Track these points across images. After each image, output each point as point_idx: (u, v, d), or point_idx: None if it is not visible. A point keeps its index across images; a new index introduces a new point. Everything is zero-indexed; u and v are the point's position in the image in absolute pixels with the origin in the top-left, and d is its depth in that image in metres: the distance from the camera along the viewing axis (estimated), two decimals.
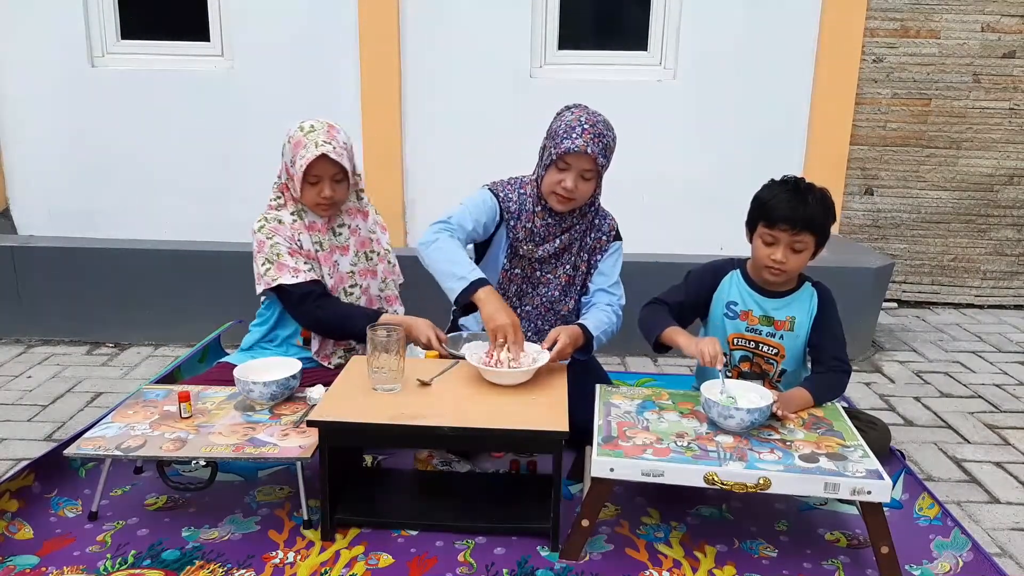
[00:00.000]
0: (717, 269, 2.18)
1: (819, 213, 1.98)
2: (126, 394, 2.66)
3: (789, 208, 1.96)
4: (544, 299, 2.29)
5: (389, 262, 2.41)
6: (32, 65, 3.77)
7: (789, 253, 2.00)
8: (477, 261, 2.28)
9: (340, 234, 2.29)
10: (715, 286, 2.16)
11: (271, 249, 2.16)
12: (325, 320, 2.19)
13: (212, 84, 3.80)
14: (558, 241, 2.22)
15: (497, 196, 2.21)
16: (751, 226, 2.08)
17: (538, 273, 2.27)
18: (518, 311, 2.28)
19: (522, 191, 2.22)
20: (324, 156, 2.11)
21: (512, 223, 2.20)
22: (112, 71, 3.81)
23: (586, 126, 2.06)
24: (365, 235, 2.34)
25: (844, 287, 2.49)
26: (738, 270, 2.16)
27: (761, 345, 2.11)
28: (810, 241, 2.00)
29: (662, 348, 2.09)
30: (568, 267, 2.26)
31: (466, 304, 2.02)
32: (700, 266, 2.22)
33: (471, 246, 2.27)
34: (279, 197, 2.25)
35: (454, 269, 2.03)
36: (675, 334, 2.03)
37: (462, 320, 2.35)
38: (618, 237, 2.33)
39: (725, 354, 2.14)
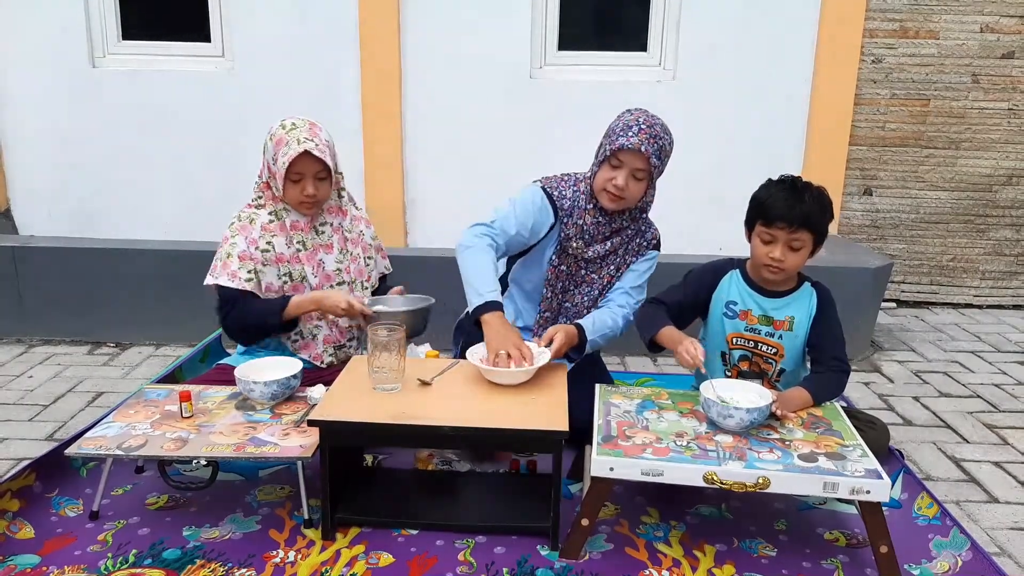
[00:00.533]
0: (716, 269, 2.19)
1: (816, 211, 1.99)
2: (127, 394, 2.66)
3: (786, 206, 1.98)
4: (586, 298, 2.29)
5: (370, 257, 2.38)
6: (32, 65, 3.78)
7: (787, 251, 2.01)
8: (524, 253, 2.27)
9: (323, 232, 2.28)
10: (714, 286, 2.17)
11: (228, 247, 2.17)
12: (245, 325, 2.18)
13: (212, 84, 3.81)
14: (608, 244, 2.22)
15: (550, 195, 2.19)
16: (749, 225, 2.09)
17: (583, 272, 2.27)
18: (559, 308, 2.29)
19: (576, 188, 2.21)
20: (307, 153, 2.10)
21: (565, 220, 2.19)
22: (112, 71, 3.82)
23: (643, 126, 2.07)
24: (347, 233, 2.32)
25: (843, 287, 2.50)
26: (737, 270, 2.17)
27: (760, 345, 2.12)
28: (808, 239, 2.01)
29: (656, 348, 2.10)
30: (612, 268, 2.27)
31: (476, 320, 2.04)
32: (699, 266, 2.23)
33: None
34: (260, 196, 2.24)
35: (477, 284, 2.05)
36: (665, 335, 2.04)
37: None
38: (657, 247, 2.33)
39: (723, 353, 2.15)
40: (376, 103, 3.77)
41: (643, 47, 3.81)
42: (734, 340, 2.14)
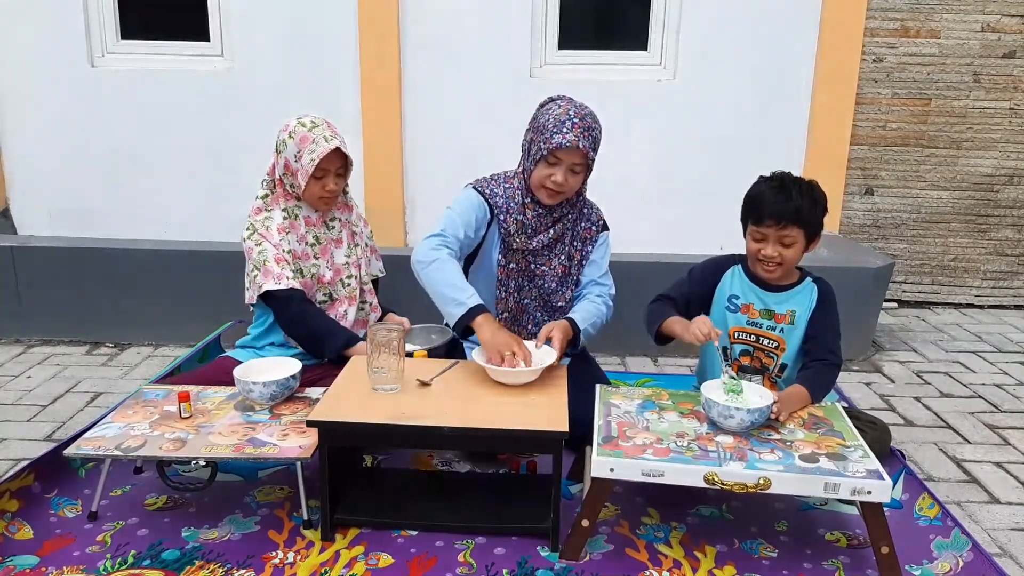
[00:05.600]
0: (719, 263, 2.21)
1: (805, 206, 1.99)
2: (126, 394, 2.66)
3: (774, 204, 1.99)
4: (541, 291, 2.28)
5: (367, 257, 2.44)
6: (32, 65, 3.77)
7: (779, 248, 2.03)
8: (472, 259, 2.28)
9: (333, 227, 2.34)
10: (717, 280, 2.19)
11: (259, 256, 2.18)
12: (306, 331, 2.19)
13: (212, 84, 3.80)
14: (551, 232, 2.22)
15: (483, 193, 2.20)
16: (743, 223, 2.11)
17: (532, 265, 2.26)
18: (518, 305, 2.29)
19: (508, 185, 2.22)
20: (336, 149, 2.16)
21: (502, 218, 2.20)
22: (112, 71, 3.81)
23: (575, 120, 2.05)
24: (353, 228, 2.40)
25: (844, 287, 2.49)
26: (739, 265, 2.19)
27: (761, 339, 2.12)
28: (798, 235, 2.02)
29: (663, 340, 2.11)
30: (563, 257, 2.26)
31: (464, 328, 2.03)
32: (703, 261, 2.25)
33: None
34: (266, 196, 2.25)
35: (453, 294, 2.03)
36: (673, 323, 2.06)
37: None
38: (605, 227, 2.34)
39: (724, 348, 2.15)
40: (376, 102, 3.77)
41: (643, 46, 3.80)
42: (736, 334, 2.15)
